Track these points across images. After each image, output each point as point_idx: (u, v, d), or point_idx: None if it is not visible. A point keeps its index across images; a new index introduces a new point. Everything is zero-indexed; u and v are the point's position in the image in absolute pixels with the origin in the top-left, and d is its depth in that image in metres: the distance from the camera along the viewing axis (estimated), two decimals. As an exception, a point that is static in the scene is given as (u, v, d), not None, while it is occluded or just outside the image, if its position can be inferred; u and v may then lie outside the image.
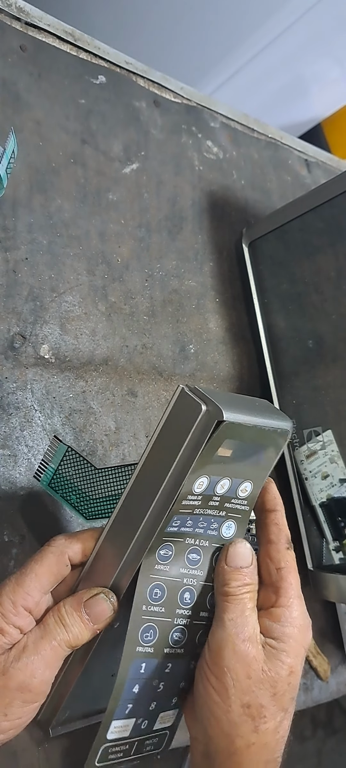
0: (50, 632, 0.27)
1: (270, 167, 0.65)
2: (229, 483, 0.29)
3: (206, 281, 0.54)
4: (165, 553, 0.29)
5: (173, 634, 0.30)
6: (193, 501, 0.28)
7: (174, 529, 0.29)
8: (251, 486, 0.30)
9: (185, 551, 0.29)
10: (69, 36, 0.52)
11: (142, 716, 0.31)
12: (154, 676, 0.30)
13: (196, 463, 0.27)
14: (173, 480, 0.27)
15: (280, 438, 0.30)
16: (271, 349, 0.54)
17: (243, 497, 0.30)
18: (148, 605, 0.29)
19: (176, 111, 0.58)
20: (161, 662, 0.30)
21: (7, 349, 0.41)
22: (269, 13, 0.95)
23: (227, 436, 0.27)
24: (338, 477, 0.48)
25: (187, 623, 0.30)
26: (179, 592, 0.30)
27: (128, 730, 0.31)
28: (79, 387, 0.44)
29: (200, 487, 0.28)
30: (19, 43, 0.48)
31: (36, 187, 0.46)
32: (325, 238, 0.49)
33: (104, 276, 0.48)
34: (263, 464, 0.30)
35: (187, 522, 0.29)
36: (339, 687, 0.53)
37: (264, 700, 0.28)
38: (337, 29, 1.00)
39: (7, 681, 0.26)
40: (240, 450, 0.28)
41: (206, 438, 0.26)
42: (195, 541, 0.30)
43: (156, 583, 0.29)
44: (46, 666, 0.27)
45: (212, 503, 0.29)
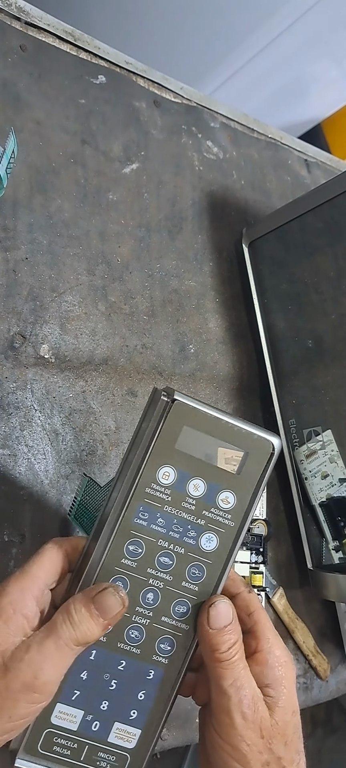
0: (56, 630, 0.27)
1: (270, 167, 0.65)
2: (203, 485, 0.29)
3: (205, 281, 0.54)
4: (134, 549, 0.29)
5: (129, 629, 0.30)
6: (160, 493, 0.29)
7: (143, 523, 0.29)
8: (234, 498, 0.29)
9: (156, 552, 0.29)
10: (69, 36, 0.52)
11: (92, 713, 0.30)
12: (105, 669, 0.30)
13: (155, 446, 0.28)
14: (135, 463, 0.28)
15: (259, 449, 0.29)
16: (271, 349, 0.54)
17: (225, 509, 0.30)
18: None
19: (176, 111, 0.58)
20: (115, 656, 0.30)
21: (7, 349, 0.41)
22: (269, 13, 0.96)
23: (184, 422, 0.28)
24: (338, 477, 0.49)
25: (146, 623, 0.30)
26: (142, 590, 0.29)
27: (76, 723, 0.30)
28: (79, 387, 0.44)
29: (166, 478, 0.29)
30: (19, 43, 0.48)
31: (36, 187, 0.46)
32: (325, 238, 0.49)
33: (104, 276, 0.48)
34: (245, 476, 0.29)
35: (157, 519, 0.29)
36: (339, 686, 0.53)
37: (280, 751, 0.28)
38: (337, 29, 1.00)
39: (10, 682, 0.25)
40: (209, 448, 0.29)
41: (161, 418, 0.28)
42: (169, 545, 0.29)
43: (119, 576, 0.29)
44: (52, 666, 0.26)
45: (186, 505, 0.29)
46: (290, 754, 0.29)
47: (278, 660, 0.30)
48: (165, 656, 0.30)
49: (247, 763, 0.28)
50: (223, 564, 0.30)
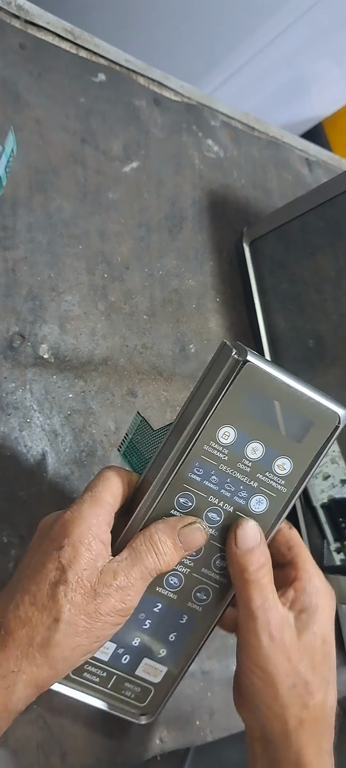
0: (142, 560, 0.28)
1: (271, 166, 0.65)
2: (262, 449, 0.28)
3: (206, 281, 0.54)
4: (184, 502, 0.29)
5: (169, 576, 0.31)
6: (217, 452, 0.28)
7: (196, 479, 0.29)
8: (291, 465, 0.29)
9: (205, 508, 0.29)
10: (69, 34, 0.52)
11: (123, 647, 0.31)
12: (142, 609, 0.31)
13: (219, 405, 0.27)
14: (196, 419, 0.27)
15: (325, 418, 0.28)
16: (271, 349, 0.54)
17: (280, 474, 0.29)
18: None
19: (176, 110, 0.58)
20: (152, 599, 0.31)
21: (6, 349, 0.41)
22: (269, 12, 0.95)
23: (252, 385, 0.27)
24: (339, 477, 0.48)
25: (185, 572, 0.30)
26: None
27: (107, 654, 0.31)
28: (79, 387, 0.43)
29: (226, 438, 0.28)
30: (19, 42, 0.48)
31: (36, 186, 0.45)
32: (326, 237, 0.49)
33: (104, 275, 0.47)
34: (305, 445, 0.29)
35: (211, 476, 0.29)
36: (340, 687, 0.53)
37: (307, 676, 0.29)
38: (338, 28, 1.00)
39: (100, 606, 0.26)
40: (273, 413, 0.28)
41: (229, 378, 0.27)
42: (218, 502, 0.29)
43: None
44: (136, 591, 0.27)
45: (242, 466, 0.29)
46: (317, 680, 0.29)
47: (317, 589, 0.30)
48: (200, 604, 0.31)
49: (274, 685, 0.29)
50: (269, 527, 0.30)
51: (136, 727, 0.39)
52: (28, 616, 0.26)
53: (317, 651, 0.29)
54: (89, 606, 0.26)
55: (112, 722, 0.38)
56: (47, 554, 0.27)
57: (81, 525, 0.27)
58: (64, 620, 0.26)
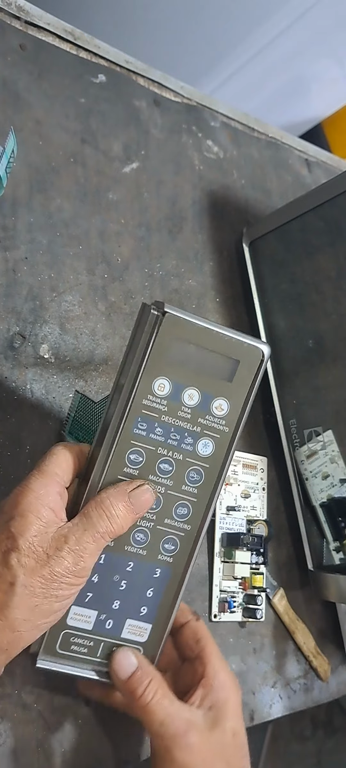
0: (94, 525, 0.29)
1: (271, 167, 0.65)
2: (198, 395, 0.30)
3: (206, 281, 0.54)
4: (135, 458, 0.31)
5: (135, 533, 0.32)
6: (157, 404, 0.30)
7: (142, 434, 0.30)
8: (227, 405, 0.31)
9: (156, 460, 0.31)
10: (69, 35, 0.52)
11: (104, 612, 0.32)
12: (115, 571, 0.32)
13: (149, 360, 0.29)
14: (130, 377, 0.29)
15: (250, 356, 0.30)
16: (271, 349, 0.54)
17: (220, 416, 0.31)
18: None
19: (176, 110, 0.58)
20: (122, 559, 0.32)
21: (7, 349, 0.41)
22: (269, 12, 0.95)
23: (176, 335, 0.29)
24: (339, 477, 0.48)
25: (150, 526, 0.32)
26: None
27: (90, 623, 0.32)
28: (79, 387, 0.43)
29: (162, 389, 0.30)
30: (19, 42, 0.48)
31: (36, 186, 0.46)
32: (325, 237, 0.49)
33: (104, 275, 0.47)
34: (236, 384, 0.31)
35: (155, 428, 0.30)
36: (339, 687, 0.53)
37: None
38: (338, 28, 1.00)
39: (53, 567, 0.27)
40: (201, 358, 0.30)
41: (153, 332, 0.29)
42: (168, 452, 0.31)
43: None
44: (89, 555, 0.28)
45: (182, 414, 0.30)
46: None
47: (223, 684, 0.31)
48: (170, 555, 0.32)
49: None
50: (219, 468, 0.32)
51: (136, 727, 0.39)
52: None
53: (229, 745, 0.30)
54: (44, 569, 0.27)
55: (112, 722, 0.38)
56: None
57: (29, 495, 0.28)
58: (19, 584, 0.27)
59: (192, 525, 0.32)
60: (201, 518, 0.32)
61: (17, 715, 0.35)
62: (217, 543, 0.47)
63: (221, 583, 0.46)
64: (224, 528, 0.47)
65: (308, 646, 0.51)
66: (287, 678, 0.49)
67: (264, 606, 0.48)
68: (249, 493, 0.50)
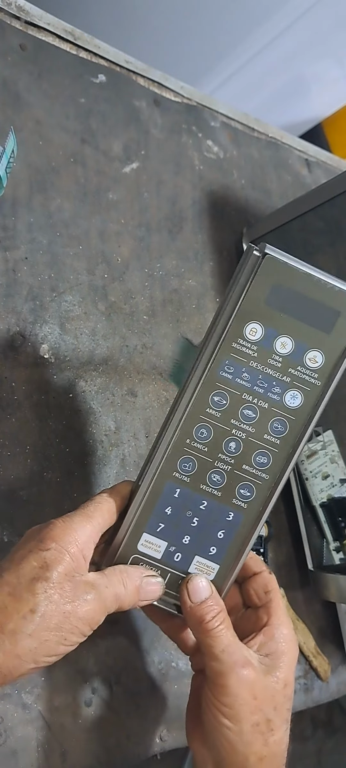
0: (114, 586, 0.30)
1: (271, 167, 0.65)
2: (291, 343, 0.29)
3: (206, 281, 0.54)
4: (218, 400, 0.30)
5: (211, 473, 0.31)
6: (247, 349, 0.29)
7: (228, 377, 0.30)
8: (322, 357, 0.29)
9: (240, 405, 0.30)
10: (69, 35, 0.52)
11: (174, 545, 0.32)
12: (188, 507, 0.32)
13: (244, 301, 0.28)
14: (223, 318, 0.29)
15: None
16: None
17: (312, 368, 0.30)
18: (191, 440, 0.31)
19: (176, 110, 0.58)
20: (197, 496, 0.32)
21: (7, 349, 0.41)
22: (269, 12, 0.95)
23: (275, 279, 0.28)
24: (339, 477, 0.48)
25: (228, 470, 0.31)
26: (225, 439, 0.31)
27: (160, 552, 0.32)
28: (79, 387, 0.43)
29: (253, 334, 0.29)
30: (19, 42, 0.48)
31: (36, 186, 0.46)
32: (325, 237, 0.49)
33: (104, 275, 0.47)
34: (334, 336, 0.29)
35: (242, 373, 0.30)
36: (339, 687, 0.53)
37: (270, 714, 0.30)
38: (338, 28, 1.00)
39: (76, 608, 0.28)
40: (299, 306, 0.28)
41: (251, 273, 0.28)
42: (253, 399, 0.30)
43: (203, 424, 0.31)
44: (102, 612, 0.29)
45: (273, 362, 0.29)
46: (278, 720, 0.31)
47: (284, 637, 0.32)
48: (245, 501, 0.32)
49: (239, 722, 0.30)
50: (305, 421, 0.30)
51: (136, 726, 0.39)
52: (4, 604, 0.27)
53: (279, 693, 0.31)
54: (66, 607, 0.28)
55: (112, 721, 0.38)
56: (32, 552, 0.28)
57: (70, 534, 0.29)
58: (39, 612, 0.27)
59: (271, 475, 0.31)
60: (281, 470, 0.31)
61: (17, 715, 0.35)
62: (217, 543, 0.47)
63: (221, 583, 0.46)
64: (224, 528, 0.47)
65: (308, 646, 0.51)
66: (287, 678, 0.49)
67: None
68: (249, 493, 0.50)
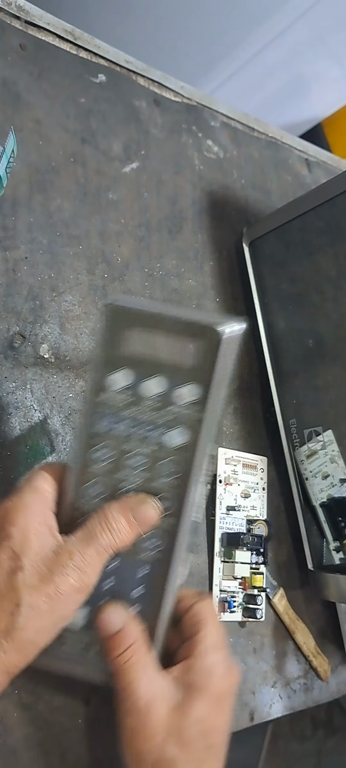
0: (96, 537, 0.28)
1: (270, 167, 0.65)
2: (160, 383, 0.29)
3: (206, 281, 0.54)
4: (102, 455, 0.30)
5: None
6: (117, 398, 0.30)
7: (104, 429, 0.30)
8: (199, 389, 0.29)
9: (125, 455, 0.30)
10: (69, 35, 0.52)
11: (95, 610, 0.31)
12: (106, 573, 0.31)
13: (105, 354, 0.29)
14: (90, 375, 0.30)
15: (206, 335, 0.29)
16: (271, 349, 0.54)
17: (186, 403, 0.30)
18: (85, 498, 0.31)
19: (176, 110, 0.58)
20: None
21: (7, 349, 0.41)
22: (269, 12, 0.95)
23: (129, 325, 0.29)
24: (339, 477, 0.48)
25: None
26: (118, 492, 0.30)
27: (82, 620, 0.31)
28: (79, 386, 0.43)
29: (120, 382, 0.29)
30: (19, 42, 0.48)
31: (36, 186, 0.46)
32: (325, 237, 0.49)
33: (104, 275, 0.47)
34: (198, 367, 0.29)
35: (119, 423, 0.30)
36: (339, 687, 0.53)
37: (174, 752, 0.28)
38: (338, 28, 1.00)
39: (59, 585, 0.27)
40: (155, 345, 0.29)
41: (105, 326, 0.29)
42: (136, 447, 0.30)
43: (94, 481, 0.30)
44: (93, 569, 0.28)
45: (146, 405, 0.30)
46: (186, 758, 0.28)
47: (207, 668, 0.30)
48: (152, 551, 0.31)
49: (139, 762, 0.29)
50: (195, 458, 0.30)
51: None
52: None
53: (189, 729, 0.28)
54: (49, 587, 0.27)
55: (113, 722, 0.38)
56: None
57: (25, 512, 0.28)
58: (24, 604, 0.26)
59: (173, 519, 0.31)
60: (181, 512, 0.31)
61: (17, 715, 0.35)
62: (217, 543, 0.47)
63: (221, 583, 0.46)
64: (224, 528, 0.47)
65: (308, 645, 0.51)
66: (287, 678, 0.49)
67: (264, 606, 0.48)
68: (249, 492, 0.50)
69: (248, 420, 0.53)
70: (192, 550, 0.46)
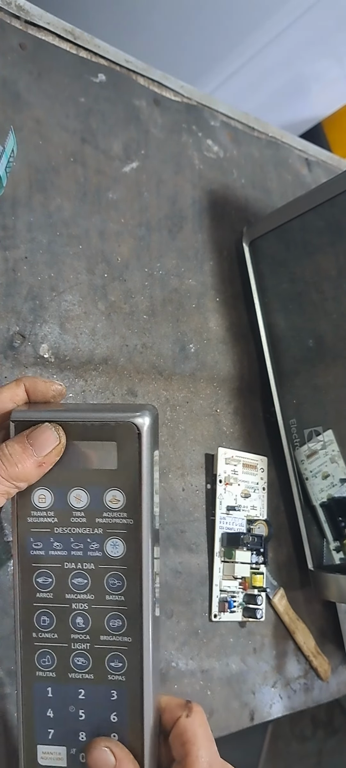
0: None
1: (271, 166, 0.65)
2: (86, 494, 0.28)
3: (206, 280, 0.54)
4: (43, 581, 0.28)
5: (73, 658, 0.29)
6: (44, 518, 0.28)
7: (40, 553, 0.28)
8: (122, 495, 0.27)
9: (67, 576, 0.28)
10: (69, 34, 0.52)
11: (74, 746, 0.29)
12: (68, 702, 0.29)
13: None
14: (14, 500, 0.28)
15: (124, 432, 0.27)
16: (271, 349, 0.54)
17: (117, 507, 0.28)
18: (38, 632, 0.29)
19: (176, 110, 0.58)
20: (70, 687, 0.29)
21: (7, 349, 0.41)
22: (269, 12, 0.95)
23: None
24: (339, 477, 0.48)
25: (87, 648, 0.29)
26: (69, 617, 0.29)
27: (63, 759, 0.29)
28: (79, 387, 0.43)
29: (43, 500, 0.28)
30: (19, 42, 0.48)
31: (36, 186, 0.46)
32: (325, 237, 0.49)
33: (104, 275, 0.47)
34: (122, 467, 0.27)
35: (53, 543, 0.28)
36: (339, 687, 0.53)
37: None
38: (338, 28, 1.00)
39: None
40: (74, 453, 0.27)
41: None
42: (77, 565, 0.28)
43: (41, 611, 0.29)
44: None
45: (76, 519, 0.28)
46: None
47: None
48: (120, 673, 0.29)
49: None
50: (140, 565, 0.28)
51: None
52: None
53: None
54: None
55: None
56: None
57: None
58: None
59: (131, 636, 0.28)
60: (139, 626, 0.28)
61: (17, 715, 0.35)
62: (217, 543, 0.47)
63: (221, 583, 0.46)
64: (224, 528, 0.47)
65: (308, 645, 0.51)
66: (287, 678, 0.49)
67: (264, 606, 0.48)
68: (249, 492, 0.50)
69: (248, 420, 0.53)
70: (192, 550, 0.46)
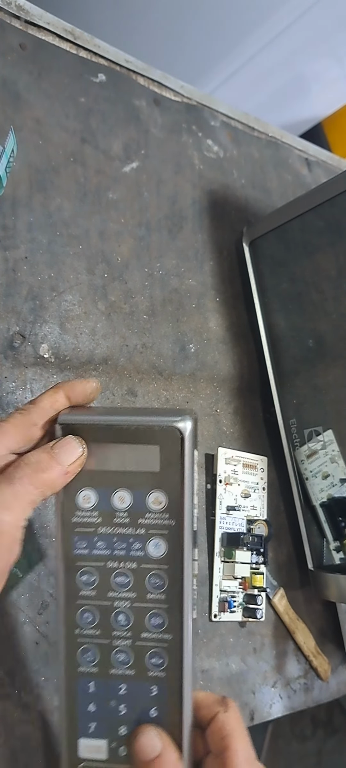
0: (9, 474, 0.27)
1: (271, 166, 0.65)
2: (128, 495, 0.29)
3: (206, 280, 0.54)
4: (87, 579, 0.29)
5: (115, 654, 0.30)
6: (88, 518, 0.29)
7: (83, 552, 0.29)
8: (165, 496, 0.28)
9: (109, 575, 0.29)
10: (69, 34, 0.52)
11: (114, 739, 0.30)
12: (109, 697, 0.30)
13: None
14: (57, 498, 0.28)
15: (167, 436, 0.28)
16: (271, 349, 0.54)
17: (160, 509, 0.29)
18: (80, 629, 0.29)
19: (176, 110, 0.58)
20: (112, 683, 0.30)
21: (7, 349, 0.41)
22: (269, 12, 0.95)
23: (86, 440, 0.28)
24: (339, 477, 0.48)
25: (129, 644, 0.30)
26: (111, 615, 0.29)
27: (104, 752, 0.30)
28: (79, 386, 0.43)
29: (88, 501, 0.29)
30: (19, 42, 0.48)
31: (36, 186, 0.46)
32: (325, 237, 0.49)
33: (104, 275, 0.47)
34: (166, 469, 0.28)
35: (96, 543, 0.29)
36: (339, 687, 0.53)
37: None
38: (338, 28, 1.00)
39: None
40: (118, 455, 0.28)
41: None
42: (120, 564, 0.29)
43: (84, 608, 0.29)
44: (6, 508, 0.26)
45: (120, 520, 0.29)
46: None
47: None
48: (160, 669, 0.30)
49: None
50: (180, 565, 0.29)
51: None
52: None
53: None
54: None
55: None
56: None
57: None
58: None
59: (173, 633, 0.29)
60: (180, 623, 0.29)
61: (17, 715, 0.35)
62: (217, 543, 0.47)
63: (221, 583, 0.46)
64: (224, 528, 0.47)
65: (308, 645, 0.51)
66: (287, 678, 0.49)
67: (264, 606, 0.48)
68: (249, 492, 0.50)
69: (248, 420, 0.53)
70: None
